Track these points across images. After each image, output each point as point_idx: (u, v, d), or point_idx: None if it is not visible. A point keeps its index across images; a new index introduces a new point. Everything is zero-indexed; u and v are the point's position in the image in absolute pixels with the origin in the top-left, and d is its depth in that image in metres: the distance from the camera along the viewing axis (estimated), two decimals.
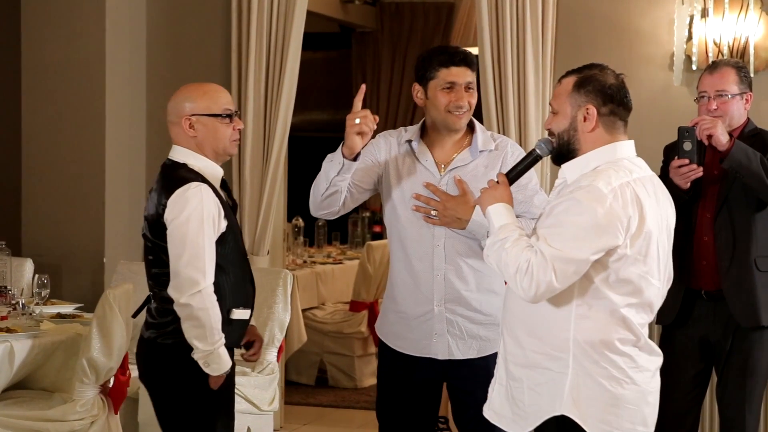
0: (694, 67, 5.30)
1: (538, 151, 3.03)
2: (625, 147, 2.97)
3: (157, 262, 3.38)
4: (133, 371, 4.92)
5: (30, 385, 4.53)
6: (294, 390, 6.97)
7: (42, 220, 6.07)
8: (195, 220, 3.24)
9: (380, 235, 9.17)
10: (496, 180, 3.03)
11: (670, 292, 4.15)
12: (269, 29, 5.77)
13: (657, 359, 2.99)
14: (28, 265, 5.59)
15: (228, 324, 3.38)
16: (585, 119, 2.91)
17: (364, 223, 8.97)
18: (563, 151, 2.96)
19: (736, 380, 4.06)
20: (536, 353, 2.89)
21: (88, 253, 5.96)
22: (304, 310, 7.13)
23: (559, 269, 2.74)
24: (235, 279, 3.41)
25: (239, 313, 3.42)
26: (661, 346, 4.20)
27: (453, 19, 9.00)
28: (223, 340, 3.32)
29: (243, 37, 5.81)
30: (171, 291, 3.28)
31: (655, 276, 2.94)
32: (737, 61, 4.29)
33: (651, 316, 3.00)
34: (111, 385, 4.46)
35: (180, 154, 3.38)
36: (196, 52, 6.13)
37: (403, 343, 3.52)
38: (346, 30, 9.56)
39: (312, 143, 9.86)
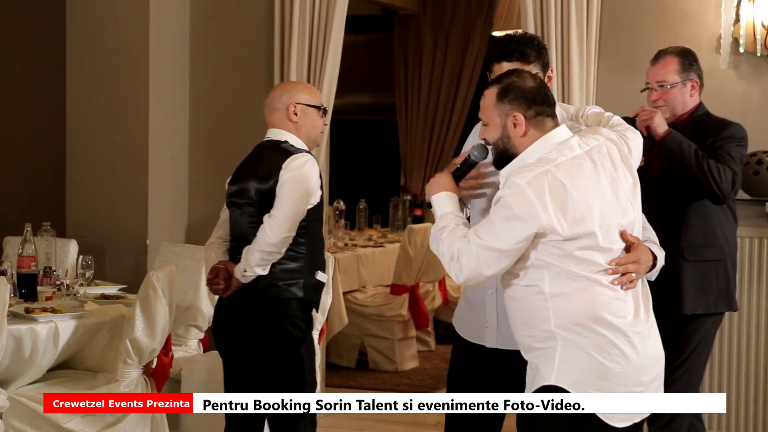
0: (741, 50, 5.23)
1: (472, 157, 3.20)
2: (554, 136, 3.04)
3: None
4: (177, 352, 4.97)
5: (74, 365, 4.57)
6: (335, 372, 7.00)
7: (86, 201, 6.11)
8: (300, 183, 3.89)
9: (421, 219, 9.14)
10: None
11: None
12: (312, 12, 5.77)
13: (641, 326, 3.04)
14: (73, 247, 5.64)
15: (315, 284, 4.02)
16: (515, 126, 3.04)
17: (405, 206, 8.95)
18: (503, 157, 3.09)
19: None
20: (528, 337, 3.06)
21: (132, 235, 6.00)
22: (345, 293, 7.14)
23: (483, 257, 2.97)
24: (319, 245, 4.06)
25: (322, 276, 4.06)
26: None
27: (496, 2, 8.93)
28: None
29: (286, 20, 5.81)
30: (265, 229, 3.87)
31: (610, 242, 3.00)
32: (682, 48, 4.24)
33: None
34: (154, 365, 4.49)
35: (279, 134, 4.03)
36: (239, 35, 6.14)
37: (465, 329, 3.55)
38: (388, 13, 9.52)
39: (354, 126, 9.87)
